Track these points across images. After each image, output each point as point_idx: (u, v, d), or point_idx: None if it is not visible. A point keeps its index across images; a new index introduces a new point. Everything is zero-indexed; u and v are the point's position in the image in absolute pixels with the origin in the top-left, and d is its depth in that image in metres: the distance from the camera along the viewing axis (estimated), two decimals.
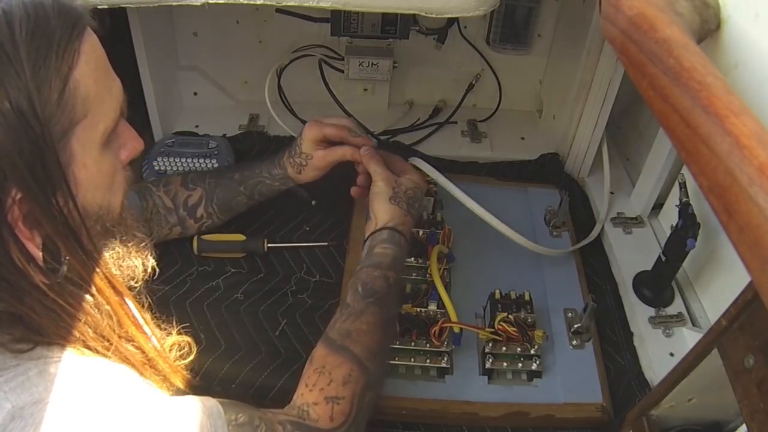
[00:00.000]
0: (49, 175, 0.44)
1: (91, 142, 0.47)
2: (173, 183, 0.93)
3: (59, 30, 0.45)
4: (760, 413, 0.49)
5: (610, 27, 0.40)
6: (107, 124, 0.49)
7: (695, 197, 0.82)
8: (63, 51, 0.44)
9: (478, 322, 0.88)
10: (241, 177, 0.94)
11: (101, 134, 0.48)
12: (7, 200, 0.43)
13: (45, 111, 0.43)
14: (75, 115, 0.45)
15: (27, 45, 0.43)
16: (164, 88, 1.14)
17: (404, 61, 1.20)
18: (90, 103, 0.46)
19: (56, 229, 0.45)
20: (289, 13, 1.09)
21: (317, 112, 1.19)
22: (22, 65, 0.42)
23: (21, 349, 0.45)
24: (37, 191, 0.43)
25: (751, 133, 0.29)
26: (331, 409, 0.66)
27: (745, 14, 0.39)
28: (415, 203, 0.84)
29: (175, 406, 0.52)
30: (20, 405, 0.43)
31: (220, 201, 0.94)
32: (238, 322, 0.89)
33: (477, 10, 0.73)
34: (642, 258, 0.95)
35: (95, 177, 0.49)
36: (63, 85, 0.44)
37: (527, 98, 1.28)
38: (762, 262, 0.28)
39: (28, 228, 0.45)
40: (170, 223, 0.93)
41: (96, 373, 0.48)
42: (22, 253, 0.44)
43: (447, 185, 0.91)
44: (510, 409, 0.80)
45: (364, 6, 0.76)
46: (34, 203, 0.43)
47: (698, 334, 0.80)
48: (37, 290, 0.46)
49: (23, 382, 0.44)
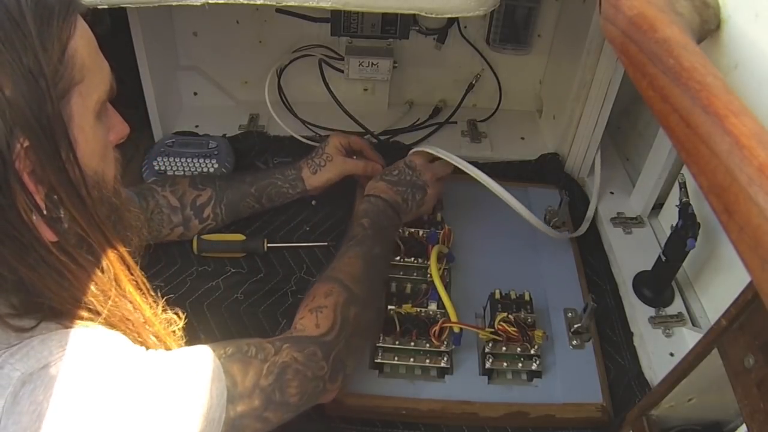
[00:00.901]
0: (53, 127, 0.47)
1: (86, 109, 0.51)
2: (180, 183, 0.94)
3: (57, 4, 0.49)
4: (760, 413, 0.49)
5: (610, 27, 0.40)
6: (100, 95, 0.53)
7: (695, 197, 0.82)
8: (62, 20, 0.49)
9: (478, 322, 0.88)
10: (253, 179, 0.98)
11: (95, 103, 0.52)
12: (16, 146, 0.45)
13: (49, 68, 0.47)
14: (74, 77, 0.49)
15: (32, 12, 0.47)
16: (164, 88, 1.14)
17: (404, 61, 1.20)
18: (85, 71, 0.50)
19: (59, 180, 0.48)
20: (289, 13, 1.09)
21: (317, 112, 1.21)
22: (29, 28, 0.46)
23: (23, 327, 0.47)
24: (43, 140, 0.47)
25: (751, 133, 0.29)
26: (315, 318, 0.72)
27: (745, 14, 0.39)
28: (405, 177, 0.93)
29: (169, 355, 0.55)
30: (29, 371, 0.45)
31: (229, 202, 0.96)
32: (238, 322, 0.89)
33: (477, 10, 0.73)
34: (642, 258, 0.95)
35: (91, 142, 0.52)
36: (63, 49, 0.48)
37: (527, 98, 1.28)
38: (762, 262, 0.28)
39: (33, 182, 0.47)
40: (173, 223, 0.93)
41: (95, 337, 0.50)
42: (27, 204, 0.47)
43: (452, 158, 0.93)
44: (510, 409, 0.80)
45: (364, 6, 0.76)
46: (40, 152, 0.47)
47: (698, 334, 0.80)
48: (40, 246, 0.48)
49: (28, 352, 0.46)
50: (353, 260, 0.80)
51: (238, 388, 0.60)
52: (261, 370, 0.62)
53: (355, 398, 0.79)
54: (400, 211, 0.90)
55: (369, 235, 0.84)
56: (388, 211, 0.89)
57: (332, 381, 0.70)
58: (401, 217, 0.91)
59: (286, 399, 0.64)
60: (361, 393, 0.79)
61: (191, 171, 1.07)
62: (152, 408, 0.50)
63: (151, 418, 0.49)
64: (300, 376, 0.66)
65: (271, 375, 0.63)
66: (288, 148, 1.15)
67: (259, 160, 1.13)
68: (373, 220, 0.86)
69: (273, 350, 0.65)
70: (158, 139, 1.14)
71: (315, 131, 1.19)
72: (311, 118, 1.20)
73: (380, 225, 0.86)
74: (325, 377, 0.69)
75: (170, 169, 1.07)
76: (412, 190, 0.92)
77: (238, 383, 0.60)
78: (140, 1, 0.76)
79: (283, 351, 0.66)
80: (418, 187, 0.93)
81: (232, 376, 0.59)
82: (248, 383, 0.61)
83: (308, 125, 1.20)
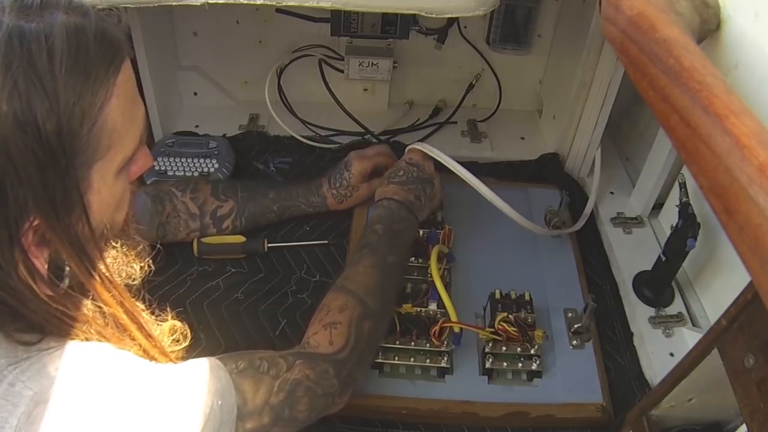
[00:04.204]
0: (69, 206, 0.45)
1: (108, 171, 0.48)
2: (201, 191, 0.93)
3: (98, 63, 0.45)
4: (760, 413, 0.49)
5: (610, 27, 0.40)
6: (126, 153, 0.50)
7: (695, 197, 0.82)
8: (99, 88, 0.45)
9: (478, 322, 0.88)
10: (276, 197, 0.97)
11: (119, 163, 0.49)
12: (25, 225, 0.44)
13: (72, 146, 0.44)
14: (99, 149, 0.46)
15: (64, 80, 0.43)
16: (164, 88, 1.14)
17: (404, 61, 1.20)
18: (115, 137, 0.47)
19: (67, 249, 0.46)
20: (289, 13, 1.09)
21: (317, 112, 1.21)
22: (58, 100, 0.42)
23: (29, 341, 0.46)
24: (54, 220, 0.44)
25: (751, 133, 0.29)
26: (329, 334, 0.70)
27: (745, 14, 0.39)
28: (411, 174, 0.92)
29: (179, 370, 0.54)
30: (42, 391, 0.44)
31: (250, 215, 0.96)
32: (238, 322, 0.89)
33: (477, 10, 0.73)
34: (642, 258, 0.95)
35: (106, 200, 0.50)
36: (93, 122, 0.45)
37: (527, 98, 1.28)
38: (762, 262, 0.28)
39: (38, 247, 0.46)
40: (190, 228, 0.93)
41: (104, 353, 0.50)
42: (28, 270, 0.45)
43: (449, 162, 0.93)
44: (510, 409, 0.80)
45: (364, 6, 0.76)
46: (50, 229, 0.45)
47: (698, 334, 0.80)
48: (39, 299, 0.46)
49: (39, 370, 0.45)
50: (368, 269, 0.79)
51: (248, 405, 0.59)
52: (272, 387, 0.61)
53: (355, 398, 0.79)
54: (415, 209, 0.90)
55: (383, 242, 0.83)
56: (402, 212, 0.88)
57: (342, 395, 0.69)
58: (417, 215, 0.90)
59: (295, 415, 0.64)
60: (361, 393, 0.79)
61: (191, 171, 1.07)
62: (164, 426, 0.49)
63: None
64: (310, 394, 0.65)
65: (282, 392, 0.62)
66: (288, 148, 1.15)
67: (259, 160, 1.13)
68: (386, 225, 0.85)
69: (285, 366, 0.64)
70: (158, 139, 1.13)
71: (315, 131, 1.19)
72: (311, 118, 1.20)
73: (394, 230, 0.85)
74: (335, 393, 0.68)
75: (170, 170, 1.07)
76: (422, 186, 0.92)
77: (249, 401, 0.59)
78: (140, 1, 0.76)
79: (295, 367, 0.65)
80: (426, 181, 0.93)
81: (242, 393, 0.59)
82: (259, 401, 0.60)
83: (308, 125, 1.20)
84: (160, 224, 0.91)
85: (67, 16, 0.44)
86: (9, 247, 0.44)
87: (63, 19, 0.44)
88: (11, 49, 0.41)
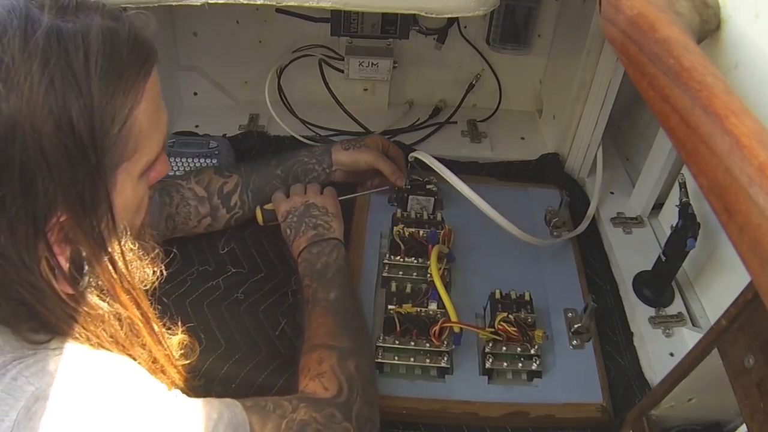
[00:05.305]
0: (96, 203, 0.46)
1: (133, 173, 0.50)
2: (205, 173, 0.95)
3: (130, 66, 0.46)
4: (760, 413, 0.49)
5: (610, 27, 0.40)
6: (150, 156, 0.51)
7: (695, 197, 0.82)
8: (130, 90, 0.46)
9: (478, 322, 0.88)
10: (278, 161, 0.99)
11: (143, 166, 0.51)
12: (52, 220, 0.44)
13: (103, 144, 0.45)
14: (127, 151, 0.48)
15: (99, 80, 0.44)
16: (164, 88, 1.12)
17: (404, 61, 1.20)
18: (141, 139, 0.48)
19: (90, 247, 0.47)
20: (289, 13, 1.09)
21: (317, 112, 1.20)
22: (92, 99, 0.44)
23: (39, 340, 0.47)
24: (81, 216, 0.45)
25: (751, 133, 0.29)
26: (320, 383, 0.71)
27: (745, 14, 0.39)
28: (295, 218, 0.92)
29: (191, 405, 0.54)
30: (43, 388, 0.45)
31: (255, 187, 0.96)
32: (238, 321, 0.88)
33: (477, 10, 0.73)
34: (642, 258, 0.95)
35: (128, 202, 0.51)
36: (123, 123, 0.46)
37: (527, 98, 1.28)
38: (762, 262, 0.28)
39: (61, 245, 0.46)
40: (200, 214, 0.93)
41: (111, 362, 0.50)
42: (50, 267, 0.46)
43: (447, 175, 0.93)
44: (510, 409, 0.80)
45: (364, 6, 0.76)
46: (76, 225, 0.45)
47: (698, 334, 0.80)
48: (58, 298, 0.47)
49: (43, 368, 0.45)
50: (320, 319, 0.79)
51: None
52: (279, 426, 0.61)
53: None
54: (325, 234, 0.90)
55: (317, 288, 0.83)
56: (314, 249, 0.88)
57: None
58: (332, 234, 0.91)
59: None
60: None
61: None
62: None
63: None
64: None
65: (290, 431, 0.62)
66: (288, 148, 1.14)
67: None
68: (310, 274, 0.85)
69: (290, 408, 0.64)
70: None
71: (315, 131, 1.19)
72: (311, 118, 1.20)
73: (319, 271, 0.86)
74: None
75: (171, 170, 1.06)
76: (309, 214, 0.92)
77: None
78: (140, 1, 0.76)
79: (300, 409, 0.64)
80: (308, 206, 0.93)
81: (250, 426, 0.58)
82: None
83: (308, 125, 1.20)
84: (169, 216, 0.91)
85: (102, 19, 0.46)
86: (34, 241, 0.44)
87: (99, 21, 0.45)
88: (49, 47, 0.42)
